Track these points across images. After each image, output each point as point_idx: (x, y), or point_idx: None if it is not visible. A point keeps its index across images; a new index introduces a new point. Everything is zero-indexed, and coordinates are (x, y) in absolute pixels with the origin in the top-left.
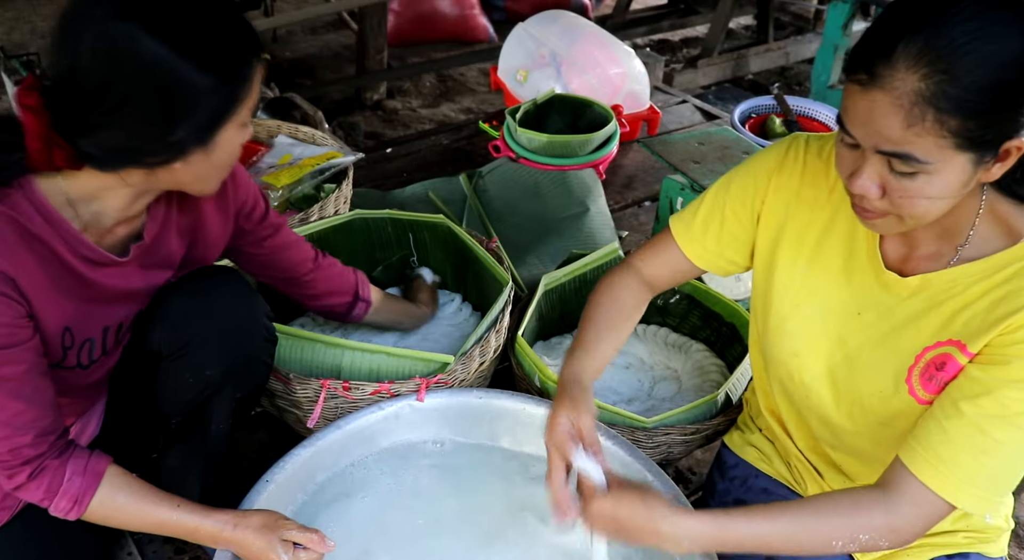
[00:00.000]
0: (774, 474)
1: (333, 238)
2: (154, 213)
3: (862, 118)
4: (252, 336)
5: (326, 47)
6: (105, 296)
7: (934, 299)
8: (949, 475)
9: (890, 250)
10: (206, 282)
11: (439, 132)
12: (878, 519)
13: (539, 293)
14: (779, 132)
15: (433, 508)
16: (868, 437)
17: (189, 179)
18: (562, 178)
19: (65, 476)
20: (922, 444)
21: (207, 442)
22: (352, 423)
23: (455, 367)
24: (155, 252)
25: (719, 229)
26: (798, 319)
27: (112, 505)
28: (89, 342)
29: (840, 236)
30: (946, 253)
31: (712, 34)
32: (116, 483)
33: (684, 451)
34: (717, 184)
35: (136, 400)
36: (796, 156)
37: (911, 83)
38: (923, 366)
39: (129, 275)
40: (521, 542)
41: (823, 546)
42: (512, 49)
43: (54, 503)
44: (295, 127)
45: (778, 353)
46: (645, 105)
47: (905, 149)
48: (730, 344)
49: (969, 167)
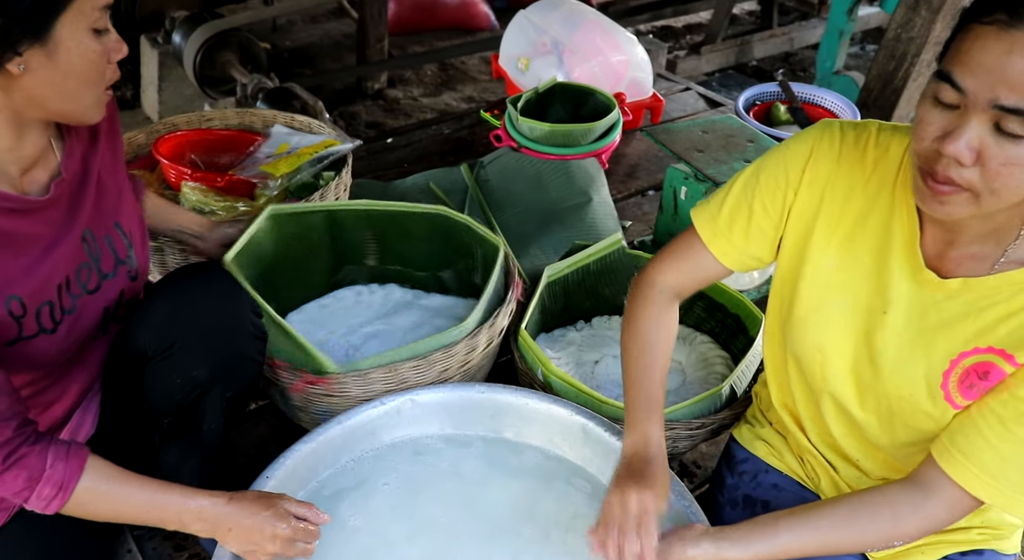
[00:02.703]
0: (785, 469)
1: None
2: (70, 148)
3: (989, 65)
4: (239, 334)
5: (326, 36)
6: (43, 248)
7: (975, 304)
8: (1003, 490)
9: (928, 246)
10: (191, 280)
11: (440, 121)
12: (913, 521)
13: (542, 285)
14: (784, 119)
15: (436, 503)
16: (891, 436)
17: (47, 92)
18: (564, 168)
19: (47, 462)
20: (971, 460)
21: (201, 440)
22: (353, 418)
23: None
24: (82, 188)
25: (747, 224)
26: (824, 313)
27: (97, 491)
28: (47, 305)
29: (875, 229)
30: (989, 255)
31: (715, 20)
32: (99, 469)
33: (690, 446)
34: (745, 174)
35: (130, 399)
36: (831, 144)
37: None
38: (961, 373)
39: (57, 217)
40: (526, 537)
41: (860, 547)
42: (513, 37)
43: (36, 491)
44: (291, 116)
45: (800, 347)
46: (648, 93)
47: (1018, 104)
48: (735, 336)
49: None
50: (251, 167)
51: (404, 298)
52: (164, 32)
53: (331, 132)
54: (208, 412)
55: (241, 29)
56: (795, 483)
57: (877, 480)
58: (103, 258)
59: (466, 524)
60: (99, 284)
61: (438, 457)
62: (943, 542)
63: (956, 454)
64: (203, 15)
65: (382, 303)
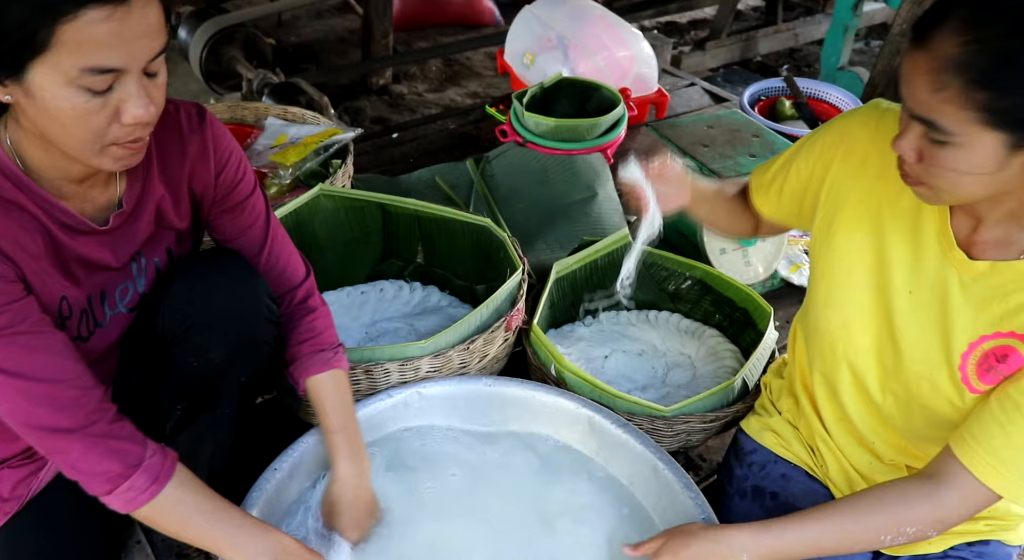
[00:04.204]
0: (794, 459)
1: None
2: (133, 180)
3: (905, 81)
4: (255, 318)
5: (331, 32)
6: (89, 265)
7: (1000, 289)
8: (1011, 477)
9: (957, 229)
10: (207, 264)
11: (445, 117)
12: (926, 512)
13: (551, 281)
14: (789, 115)
15: (441, 494)
16: (908, 418)
17: (42, 127)
18: (570, 162)
19: (146, 451)
20: (982, 445)
21: (214, 427)
22: (360, 411)
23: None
24: (137, 219)
25: (782, 184)
26: (849, 289)
27: (183, 496)
28: (85, 313)
29: (907, 209)
30: (1016, 242)
31: (720, 16)
32: (190, 475)
33: (702, 439)
34: (799, 141)
35: (142, 387)
36: (867, 122)
37: (948, 49)
38: (980, 356)
39: (113, 242)
40: (531, 527)
41: (872, 543)
42: (519, 32)
43: (132, 480)
44: (283, 108)
45: (825, 323)
46: (653, 88)
47: (931, 116)
48: (743, 329)
49: (1001, 149)
50: (253, 159)
51: (440, 303)
52: (170, 27)
53: (329, 122)
54: (222, 397)
55: (246, 24)
56: (804, 473)
57: (888, 466)
58: (147, 279)
59: (473, 515)
60: (137, 304)
61: (445, 448)
62: (950, 532)
63: (969, 439)
64: (209, 10)
65: (419, 303)
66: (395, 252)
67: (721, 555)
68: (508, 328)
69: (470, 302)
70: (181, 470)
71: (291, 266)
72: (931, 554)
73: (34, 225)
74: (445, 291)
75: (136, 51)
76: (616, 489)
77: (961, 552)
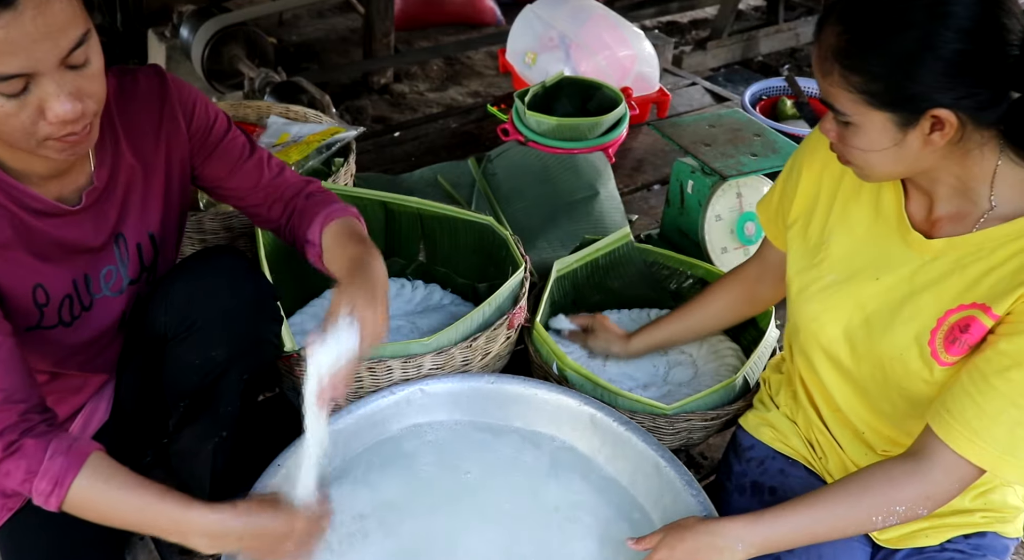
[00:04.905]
0: (791, 453)
1: None
2: (101, 156)
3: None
4: (257, 316)
5: (332, 31)
6: (67, 248)
7: (959, 262)
8: (987, 448)
9: (914, 211)
10: (209, 263)
11: (447, 116)
12: (913, 490)
13: (551, 279)
14: (790, 114)
15: (443, 491)
16: (889, 401)
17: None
18: (571, 161)
19: (47, 454)
20: (956, 418)
21: (216, 425)
22: (363, 408)
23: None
24: (111, 194)
25: (779, 200)
26: (820, 284)
27: (94, 490)
28: (69, 297)
29: (867, 199)
30: (969, 214)
31: (721, 15)
32: (101, 468)
33: (703, 437)
34: (788, 160)
35: (144, 385)
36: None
37: (830, 38)
38: (947, 330)
39: (88, 222)
40: (528, 522)
41: (864, 524)
42: (520, 31)
43: (34, 484)
44: (285, 107)
45: (802, 319)
46: (655, 87)
47: (829, 100)
48: (744, 328)
49: (891, 127)
50: None
51: (442, 301)
52: (171, 26)
53: (331, 120)
54: (224, 395)
55: (248, 24)
56: (802, 468)
57: (882, 458)
58: (130, 264)
59: (477, 513)
60: (123, 288)
61: (447, 446)
62: (947, 525)
63: (944, 414)
64: (210, 9)
65: (421, 301)
66: (397, 250)
67: (717, 547)
68: (510, 326)
69: (472, 300)
70: (91, 467)
71: (294, 176)
72: (928, 547)
73: (2, 212)
74: (447, 289)
75: (38, 53)
76: (616, 488)
77: (958, 545)
